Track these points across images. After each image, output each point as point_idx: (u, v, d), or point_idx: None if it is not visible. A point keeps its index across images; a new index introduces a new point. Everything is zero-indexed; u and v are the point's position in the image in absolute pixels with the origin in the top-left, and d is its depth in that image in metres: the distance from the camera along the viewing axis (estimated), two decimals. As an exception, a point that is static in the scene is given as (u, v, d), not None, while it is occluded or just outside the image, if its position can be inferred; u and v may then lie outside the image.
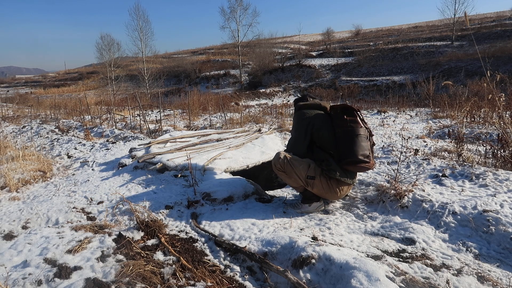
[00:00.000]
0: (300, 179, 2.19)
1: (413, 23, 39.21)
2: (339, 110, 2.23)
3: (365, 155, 2.07)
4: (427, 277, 1.44)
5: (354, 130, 2.11)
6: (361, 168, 2.14)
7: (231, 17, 25.98)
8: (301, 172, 2.17)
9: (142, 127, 7.47)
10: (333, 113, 2.26)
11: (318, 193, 2.24)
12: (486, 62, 6.67)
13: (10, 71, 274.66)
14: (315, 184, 2.17)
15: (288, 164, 2.18)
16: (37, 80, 43.55)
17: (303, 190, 2.30)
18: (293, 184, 2.29)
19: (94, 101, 16.81)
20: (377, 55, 23.39)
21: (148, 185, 3.05)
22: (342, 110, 2.21)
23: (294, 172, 2.18)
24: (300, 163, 2.19)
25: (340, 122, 2.17)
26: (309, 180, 2.17)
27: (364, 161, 2.07)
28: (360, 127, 2.13)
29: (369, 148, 2.12)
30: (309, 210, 2.30)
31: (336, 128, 2.19)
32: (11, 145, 5.06)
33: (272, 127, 5.47)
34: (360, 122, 2.15)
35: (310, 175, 2.17)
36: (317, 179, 2.16)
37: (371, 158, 2.11)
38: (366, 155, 2.08)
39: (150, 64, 26.42)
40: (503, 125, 2.85)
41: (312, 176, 2.16)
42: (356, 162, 2.08)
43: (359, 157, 2.05)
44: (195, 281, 1.51)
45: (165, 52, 43.30)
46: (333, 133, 2.19)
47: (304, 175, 2.17)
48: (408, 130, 5.92)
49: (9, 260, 1.57)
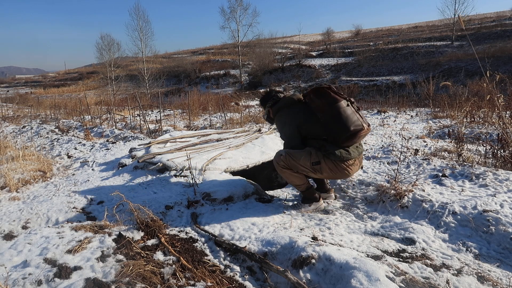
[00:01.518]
0: (306, 169, 2.15)
1: (413, 23, 39.23)
2: (312, 96, 2.18)
3: (356, 124, 2.02)
4: (427, 277, 1.44)
5: (334, 108, 2.05)
6: (359, 137, 2.07)
7: (231, 17, 26.01)
8: (305, 162, 2.14)
9: (142, 127, 7.47)
10: (309, 101, 2.22)
11: (329, 176, 2.20)
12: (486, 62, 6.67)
13: (10, 71, 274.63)
14: (322, 168, 2.13)
15: (290, 158, 2.16)
16: (37, 80, 43.58)
17: (305, 189, 2.28)
18: (298, 182, 2.25)
19: (94, 101, 16.81)
20: (377, 55, 23.40)
21: (148, 185, 3.05)
22: (314, 95, 2.16)
23: (298, 165, 2.15)
24: (301, 154, 2.16)
25: (318, 107, 2.13)
26: (315, 166, 2.13)
27: (359, 130, 2.02)
28: (338, 101, 2.06)
29: (356, 115, 2.06)
30: (309, 210, 2.30)
31: (318, 114, 2.14)
32: (11, 145, 5.06)
33: (272, 127, 5.47)
34: (336, 96, 2.09)
35: (314, 161, 2.12)
36: (323, 163, 2.12)
37: (363, 123, 2.05)
38: (357, 123, 2.03)
39: (150, 64, 26.41)
40: (503, 125, 2.85)
41: (317, 161, 2.12)
42: (352, 135, 2.03)
43: (352, 129, 2.00)
44: (195, 281, 1.51)
45: (165, 52, 43.38)
46: (317, 119, 2.15)
47: (308, 163, 2.13)
48: (408, 130, 5.92)
49: (9, 260, 1.57)
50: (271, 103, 2.44)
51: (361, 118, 2.08)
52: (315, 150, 2.15)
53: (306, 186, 2.27)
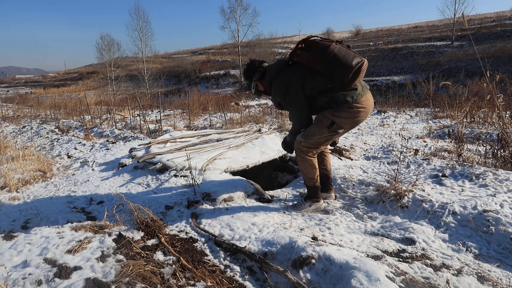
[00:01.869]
0: (328, 136, 2.12)
1: (413, 23, 39.22)
2: (299, 52, 2.09)
3: (356, 60, 1.96)
4: (427, 277, 1.44)
5: (328, 53, 1.97)
6: (362, 71, 2.00)
7: (231, 17, 26.00)
8: (321, 131, 2.11)
9: (142, 127, 7.47)
10: (297, 58, 2.13)
11: (351, 126, 2.16)
12: (486, 62, 6.67)
13: (10, 71, 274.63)
14: (339, 124, 2.08)
15: (309, 139, 2.14)
16: (37, 80, 43.57)
17: (314, 185, 2.28)
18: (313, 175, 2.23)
19: (94, 101, 16.80)
20: (377, 55, 23.41)
21: (148, 185, 3.05)
22: (303, 49, 2.07)
23: (319, 138, 2.12)
24: (314, 128, 2.13)
25: (310, 59, 2.05)
26: (332, 127, 2.08)
27: (361, 64, 1.96)
28: (328, 47, 1.98)
29: (351, 52, 2.00)
30: (309, 210, 2.30)
31: (314, 67, 2.06)
32: (11, 145, 5.06)
33: (272, 127, 5.47)
34: (325, 42, 2.02)
35: (329, 124, 2.08)
36: (337, 118, 2.07)
37: (361, 57, 2.00)
38: (356, 59, 1.96)
39: (150, 64, 26.41)
40: (503, 125, 2.85)
41: (331, 122, 2.07)
42: (356, 72, 1.96)
43: (354, 66, 1.94)
44: (195, 281, 1.51)
45: (165, 52, 43.36)
46: (316, 72, 2.07)
47: (325, 130, 2.10)
48: (408, 130, 5.92)
49: (9, 260, 1.57)
50: (258, 75, 2.29)
51: (355, 53, 2.02)
52: (322, 116, 2.12)
53: (316, 182, 2.28)
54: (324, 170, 2.46)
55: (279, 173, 3.90)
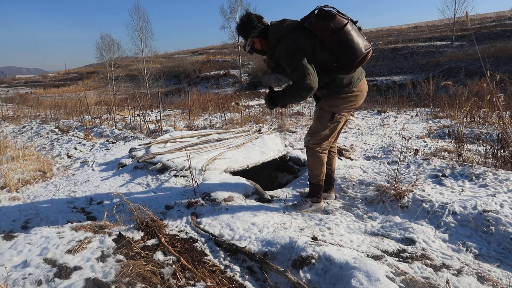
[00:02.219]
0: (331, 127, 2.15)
1: (413, 23, 39.21)
2: (313, 19, 1.97)
3: (365, 46, 1.95)
4: (427, 277, 1.44)
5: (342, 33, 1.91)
6: (368, 57, 2.00)
7: (231, 17, 25.95)
8: (325, 125, 2.15)
9: (142, 127, 7.47)
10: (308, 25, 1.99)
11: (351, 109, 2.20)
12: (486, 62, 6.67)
13: (10, 71, 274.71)
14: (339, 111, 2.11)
15: (315, 135, 2.18)
16: (37, 80, 43.57)
17: (318, 183, 2.30)
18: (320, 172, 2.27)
19: (94, 101, 16.80)
20: (377, 55, 23.39)
21: (148, 185, 3.05)
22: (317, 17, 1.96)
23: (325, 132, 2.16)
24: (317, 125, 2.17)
25: (321, 31, 1.95)
26: (334, 117, 2.11)
27: (369, 50, 1.96)
28: (344, 25, 1.91)
29: (361, 36, 1.97)
30: (309, 210, 2.30)
31: (324, 40, 1.97)
32: (11, 145, 5.06)
33: (272, 127, 5.47)
34: (342, 18, 1.94)
35: (329, 117, 2.12)
36: (336, 108, 2.11)
37: (368, 43, 1.99)
38: (366, 45, 1.96)
39: (150, 64, 26.40)
40: (503, 125, 2.85)
41: (331, 114, 2.11)
42: (364, 57, 1.95)
43: (364, 51, 1.94)
44: (195, 281, 1.51)
45: (165, 52, 43.35)
46: (325, 46, 1.98)
47: (328, 123, 2.13)
48: (408, 130, 5.92)
49: (9, 260, 1.57)
50: (257, 32, 2.10)
51: (365, 37, 2.01)
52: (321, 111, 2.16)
53: (321, 181, 2.30)
54: (329, 170, 2.47)
55: (279, 173, 3.90)
